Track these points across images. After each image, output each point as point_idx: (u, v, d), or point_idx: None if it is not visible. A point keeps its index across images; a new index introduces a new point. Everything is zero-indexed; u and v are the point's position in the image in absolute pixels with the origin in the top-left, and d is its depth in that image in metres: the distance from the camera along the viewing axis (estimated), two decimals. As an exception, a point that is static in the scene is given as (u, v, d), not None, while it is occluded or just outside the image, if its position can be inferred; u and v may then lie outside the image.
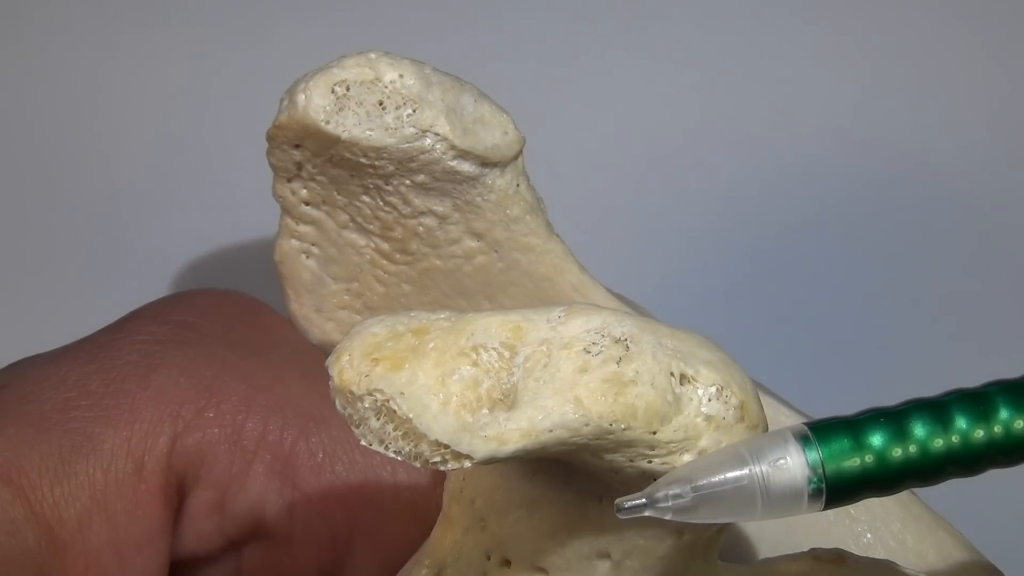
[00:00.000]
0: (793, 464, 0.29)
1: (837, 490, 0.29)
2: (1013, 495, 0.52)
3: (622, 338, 0.30)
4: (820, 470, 0.29)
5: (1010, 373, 0.31)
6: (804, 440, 0.29)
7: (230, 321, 0.41)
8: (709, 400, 0.30)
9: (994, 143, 0.54)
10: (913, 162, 0.54)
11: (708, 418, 0.30)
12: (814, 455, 0.29)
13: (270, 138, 0.38)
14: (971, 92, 0.54)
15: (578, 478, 0.31)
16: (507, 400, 0.29)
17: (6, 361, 0.40)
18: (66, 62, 0.53)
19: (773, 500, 0.29)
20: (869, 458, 0.29)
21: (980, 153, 0.54)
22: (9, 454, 0.36)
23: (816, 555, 0.33)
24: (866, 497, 0.29)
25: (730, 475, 0.29)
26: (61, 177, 0.54)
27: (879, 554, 0.39)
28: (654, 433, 0.29)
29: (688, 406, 0.30)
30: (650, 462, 0.30)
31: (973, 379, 0.31)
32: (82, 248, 0.54)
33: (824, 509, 0.29)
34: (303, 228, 0.40)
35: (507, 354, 0.29)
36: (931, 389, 0.31)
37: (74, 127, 0.54)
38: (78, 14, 0.53)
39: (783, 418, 0.40)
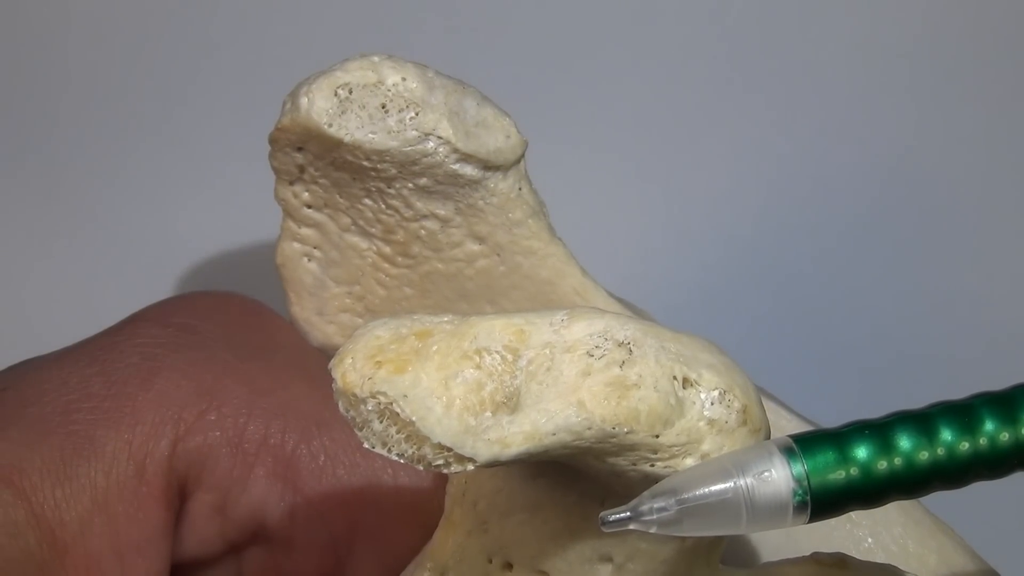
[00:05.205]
0: (778, 477, 0.29)
1: (822, 503, 0.29)
2: (1014, 500, 0.52)
3: (625, 342, 0.30)
4: (805, 483, 0.29)
5: (1013, 373, 0.31)
6: (789, 453, 0.29)
7: (232, 324, 0.41)
8: (712, 404, 0.30)
9: (994, 143, 0.54)
10: (914, 163, 0.54)
11: (711, 422, 0.30)
12: (799, 468, 0.29)
13: (272, 141, 0.38)
14: (971, 92, 0.54)
15: (580, 481, 0.31)
16: (510, 403, 0.29)
17: (7, 363, 0.40)
18: (67, 62, 0.53)
19: (758, 513, 0.29)
20: (854, 471, 0.29)
21: (982, 153, 0.54)
22: (11, 456, 0.36)
23: (818, 559, 0.33)
24: (851, 510, 0.29)
25: (715, 488, 0.28)
26: (62, 179, 0.54)
27: (880, 559, 0.39)
28: (657, 437, 0.29)
29: (691, 410, 0.30)
30: (653, 465, 0.30)
31: (975, 381, 0.31)
32: (84, 250, 0.54)
33: (809, 522, 0.29)
34: (305, 231, 0.40)
35: (510, 357, 0.29)
36: (932, 391, 0.31)
37: (75, 128, 0.54)
38: (79, 13, 0.53)
39: (784, 422, 0.40)
